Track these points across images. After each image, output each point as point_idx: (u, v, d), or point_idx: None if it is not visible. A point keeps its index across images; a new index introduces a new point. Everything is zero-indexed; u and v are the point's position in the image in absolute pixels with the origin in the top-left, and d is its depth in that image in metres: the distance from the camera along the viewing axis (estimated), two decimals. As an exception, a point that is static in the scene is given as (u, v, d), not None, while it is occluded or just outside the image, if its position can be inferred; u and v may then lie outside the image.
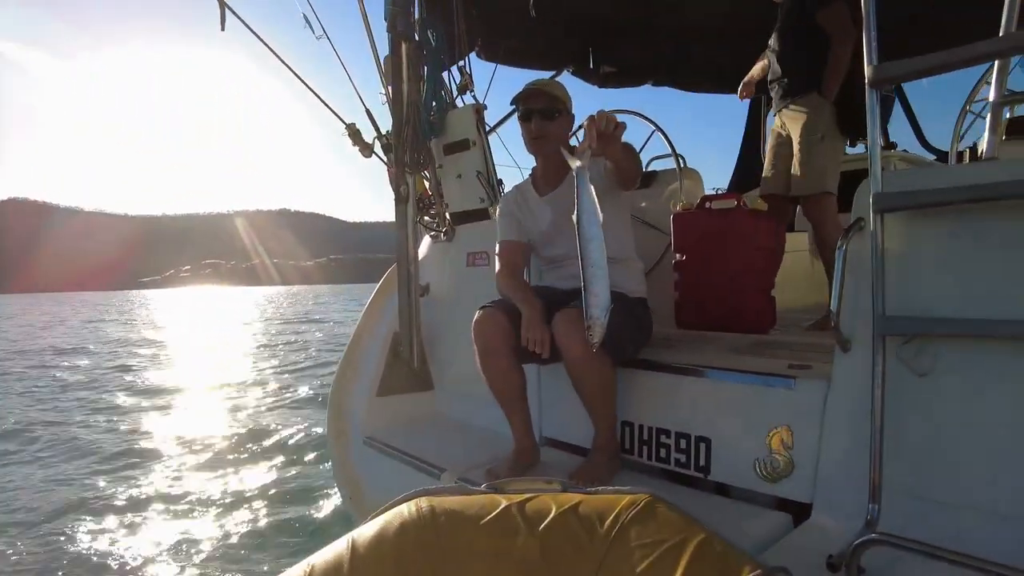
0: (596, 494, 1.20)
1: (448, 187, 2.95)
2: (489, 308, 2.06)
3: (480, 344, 2.03)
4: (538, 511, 1.14)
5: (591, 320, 1.52)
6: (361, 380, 2.82)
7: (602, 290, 1.49)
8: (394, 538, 1.09)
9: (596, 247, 1.50)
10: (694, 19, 3.94)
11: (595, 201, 1.54)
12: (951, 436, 1.38)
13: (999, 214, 1.33)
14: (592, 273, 1.50)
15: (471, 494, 1.23)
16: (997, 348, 1.33)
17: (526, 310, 1.94)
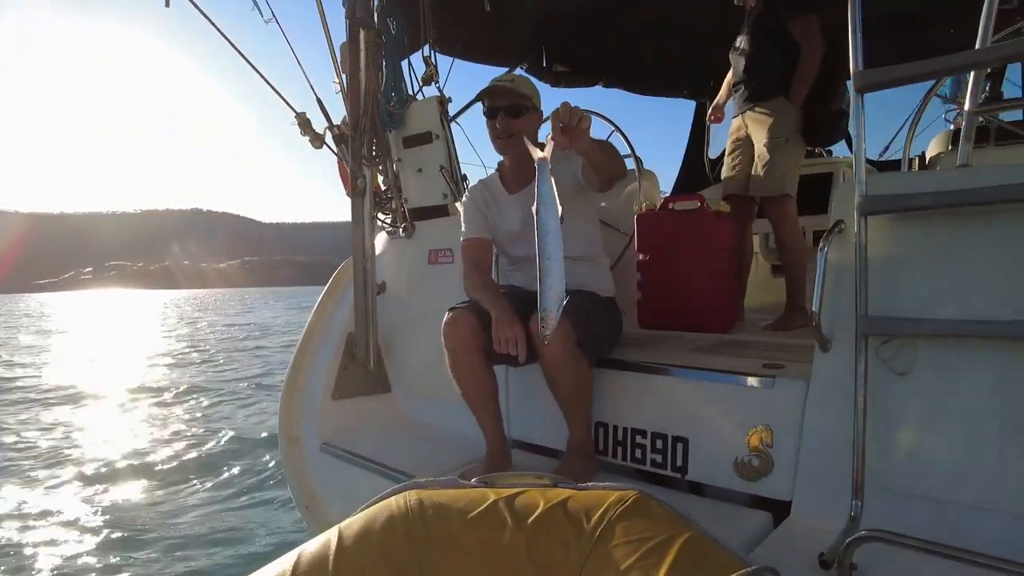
0: (585, 490, 1.18)
1: (407, 182, 2.85)
2: (459, 309, 1.99)
3: (451, 346, 1.96)
4: (526, 506, 1.13)
5: (544, 312, 1.48)
6: (314, 383, 2.68)
7: (556, 282, 1.47)
8: (381, 530, 1.09)
9: (553, 239, 1.47)
10: (646, 21, 3.98)
11: (555, 194, 1.52)
12: (930, 432, 1.43)
13: (976, 218, 1.38)
14: (548, 265, 1.47)
15: (461, 488, 1.22)
16: (973, 347, 1.38)
17: (495, 310, 1.89)
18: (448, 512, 1.13)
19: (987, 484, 1.34)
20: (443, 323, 1.99)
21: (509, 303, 1.94)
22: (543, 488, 1.20)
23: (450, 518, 1.12)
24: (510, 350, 1.80)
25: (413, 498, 1.16)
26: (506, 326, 1.82)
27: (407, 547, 1.08)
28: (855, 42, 1.45)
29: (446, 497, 1.17)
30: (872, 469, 1.45)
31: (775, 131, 2.55)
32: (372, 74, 2.67)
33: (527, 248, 2.20)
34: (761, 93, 2.60)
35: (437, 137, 2.65)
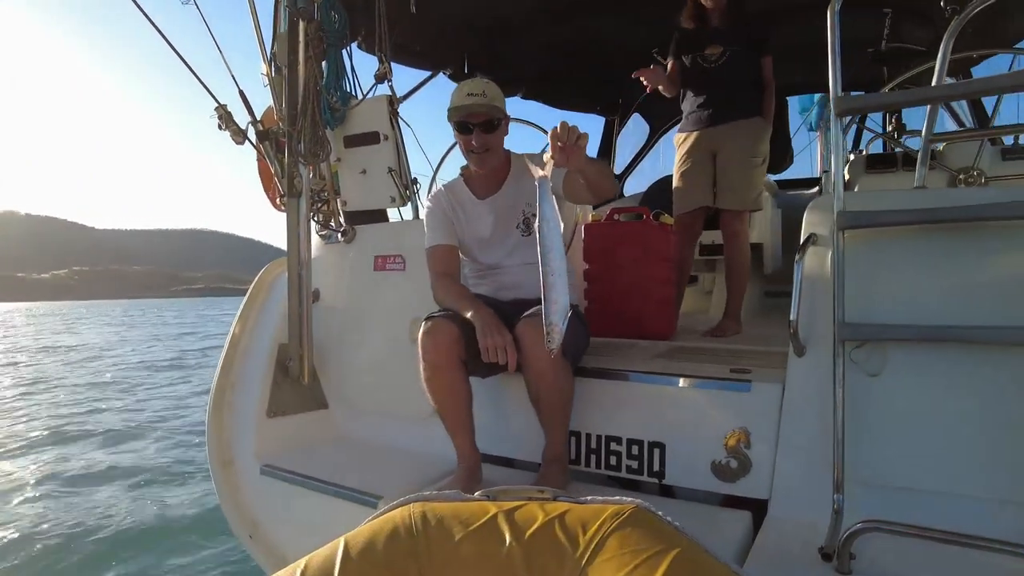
0: (584, 504, 1.21)
1: (347, 183, 2.69)
2: (437, 318, 1.91)
3: (430, 358, 1.88)
4: (526, 519, 1.16)
5: (550, 326, 1.50)
6: (245, 400, 2.44)
7: (561, 296, 1.49)
8: (386, 541, 1.13)
9: (557, 255, 1.50)
10: (564, 37, 4.07)
11: (557, 210, 1.54)
12: (901, 428, 1.57)
13: (936, 233, 1.55)
14: (552, 281, 1.49)
15: (464, 501, 1.25)
16: (936, 348, 1.54)
17: (481, 317, 1.84)
18: (450, 524, 1.16)
19: (955, 472, 1.50)
20: (420, 333, 1.89)
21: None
22: (543, 502, 1.22)
23: (452, 530, 1.15)
24: (499, 358, 1.76)
25: (417, 510, 1.19)
26: (495, 333, 1.77)
27: (410, 558, 1.12)
28: (834, 71, 1.58)
29: (449, 510, 1.20)
30: (849, 463, 1.57)
31: (755, 149, 2.71)
32: (312, 68, 2.50)
33: (495, 255, 2.16)
34: (741, 111, 2.74)
35: (386, 138, 2.53)
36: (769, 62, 2.77)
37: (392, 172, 2.52)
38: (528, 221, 2.13)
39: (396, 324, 2.43)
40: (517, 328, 1.83)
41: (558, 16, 3.63)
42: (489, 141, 2.05)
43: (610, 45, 4.11)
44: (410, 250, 2.45)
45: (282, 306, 2.63)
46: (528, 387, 1.89)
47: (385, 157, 2.54)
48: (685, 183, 2.89)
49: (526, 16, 3.63)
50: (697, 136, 2.87)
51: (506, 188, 2.14)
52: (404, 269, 2.45)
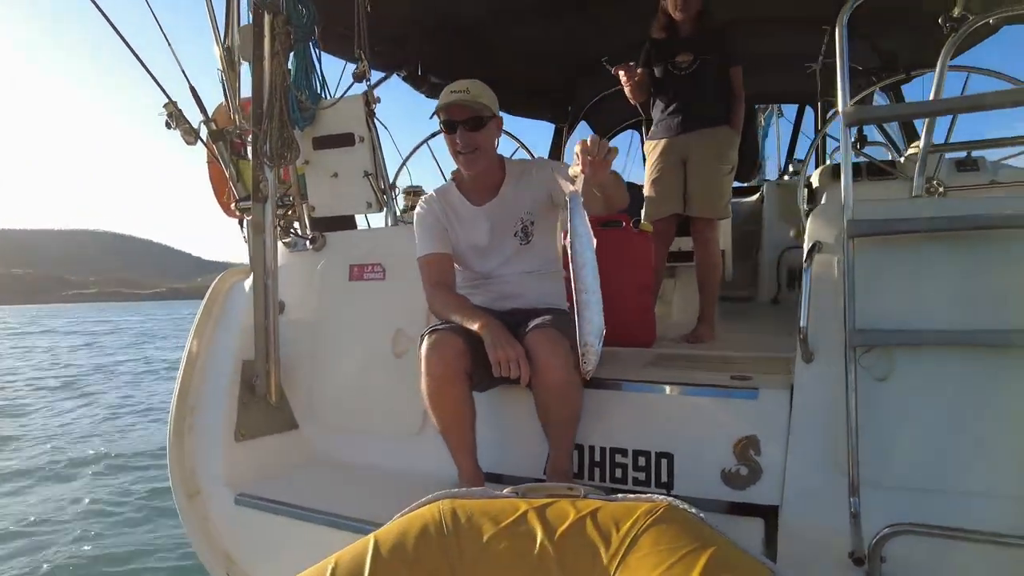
0: (615, 501, 1.21)
1: (316, 187, 2.53)
2: (442, 331, 1.81)
3: (435, 372, 1.78)
4: (557, 516, 1.16)
5: (585, 347, 1.46)
6: (209, 423, 2.23)
7: (596, 315, 1.46)
8: (416, 538, 1.13)
9: (590, 272, 1.47)
10: (517, 44, 4.04)
11: (589, 226, 1.51)
12: (911, 429, 1.62)
13: (943, 240, 1.61)
14: (586, 299, 1.45)
15: (493, 498, 1.26)
16: (944, 352, 1.60)
17: (491, 329, 1.76)
18: (480, 521, 1.16)
19: (965, 471, 1.56)
20: (424, 347, 1.79)
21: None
22: (573, 499, 1.22)
23: (482, 527, 1.15)
24: (512, 372, 1.68)
25: (447, 507, 1.19)
26: (507, 346, 1.70)
27: (440, 554, 1.12)
28: (843, 84, 1.62)
29: (478, 507, 1.19)
30: (861, 466, 1.60)
31: (724, 158, 2.75)
32: (281, 63, 2.33)
33: (490, 263, 2.09)
34: (711, 119, 2.78)
35: (361, 140, 2.39)
36: (738, 72, 2.84)
37: (369, 176, 2.39)
38: (527, 229, 2.06)
39: (377, 337, 2.29)
40: (527, 340, 1.76)
41: (512, 21, 3.59)
42: (475, 140, 1.97)
43: (562, 52, 4.12)
44: (390, 258, 2.32)
45: (243, 319, 2.44)
46: (538, 401, 1.82)
47: (360, 160, 2.41)
48: (657, 191, 2.92)
49: (480, 20, 3.57)
50: (667, 143, 2.91)
51: (503, 195, 2.07)
52: (384, 278, 2.32)
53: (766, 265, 4.68)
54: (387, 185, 2.47)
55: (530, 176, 2.06)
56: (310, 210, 2.56)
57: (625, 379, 2.01)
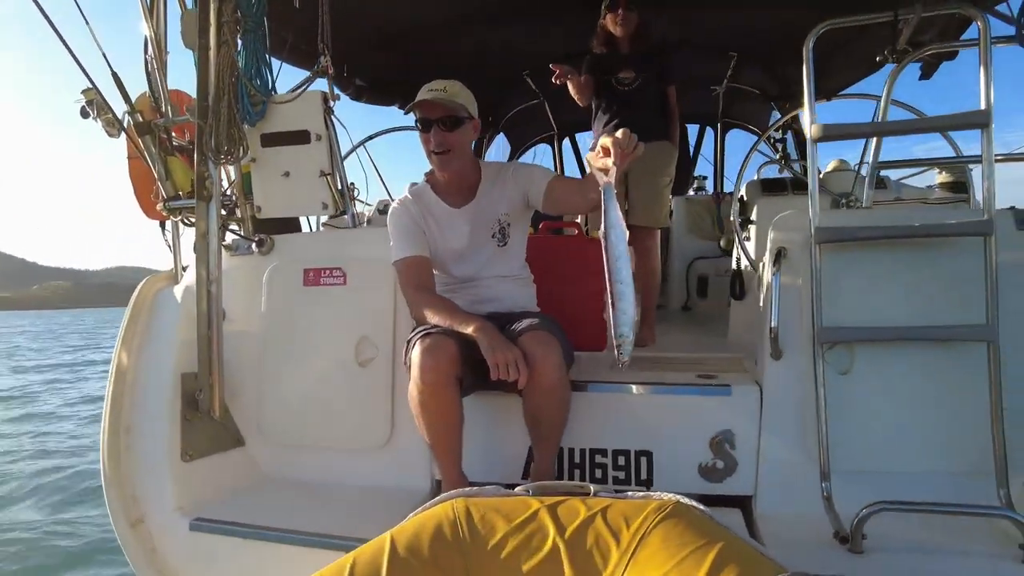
0: (625, 499, 1.26)
1: (263, 187, 2.37)
2: (436, 335, 1.76)
3: (429, 378, 1.72)
4: (568, 514, 1.18)
5: (621, 338, 1.50)
6: (147, 444, 2.02)
7: (629, 306, 1.49)
8: (431, 536, 1.15)
9: (624, 264, 1.49)
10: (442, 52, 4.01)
11: (622, 219, 1.54)
12: (871, 418, 1.78)
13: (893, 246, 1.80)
14: (621, 289, 1.48)
15: (506, 496, 1.28)
16: (896, 346, 1.78)
17: (486, 332, 1.73)
18: (494, 519, 1.18)
19: (917, 453, 1.74)
20: (417, 351, 1.72)
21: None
22: (584, 497, 1.25)
23: (495, 525, 1.17)
24: (511, 374, 1.65)
25: (460, 506, 1.21)
26: (505, 348, 1.67)
27: (456, 554, 1.13)
28: (810, 103, 1.77)
29: (492, 505, 1.21)
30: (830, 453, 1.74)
31: (663, 171, 2.87)
32: (230, 53, 2.17)
33: (469, 267, 2.06)
34: (653, 133, 2.88)
35: (318, 138, 2.27)
36: (673, 91, 3.01)
37: (327, 176, 2.27)
38: (504, 230, 2.05)
39: (337, 345, 2.18)
40: (520, 342, 1.75)
41: (435, 30, 3.58)
42: (450, 140, 1.95)
43: (485, 63, 4.15)
44: (352, 261, 2.22)
45: (178, 328, 2.25)
46: (530, 403, 1.81)
47: (316, 159, 2.28)
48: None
49: (405, 28, 3.52)
50: None
51: (480, 196, 2.05)
52: (345, 283, 2.21)
53: (676, 275, 4.96)
54: (345, 186, 2.36)
55: (506, 177, 2.06)
56: (255, 211, 2.39)
57: (601, 381, 2.05)
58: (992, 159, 1.62)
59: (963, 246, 1.74)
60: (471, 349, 1.77)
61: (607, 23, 3.00)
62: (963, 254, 1.74)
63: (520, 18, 3.48)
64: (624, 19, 2.92)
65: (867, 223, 1.79)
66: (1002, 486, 1.60)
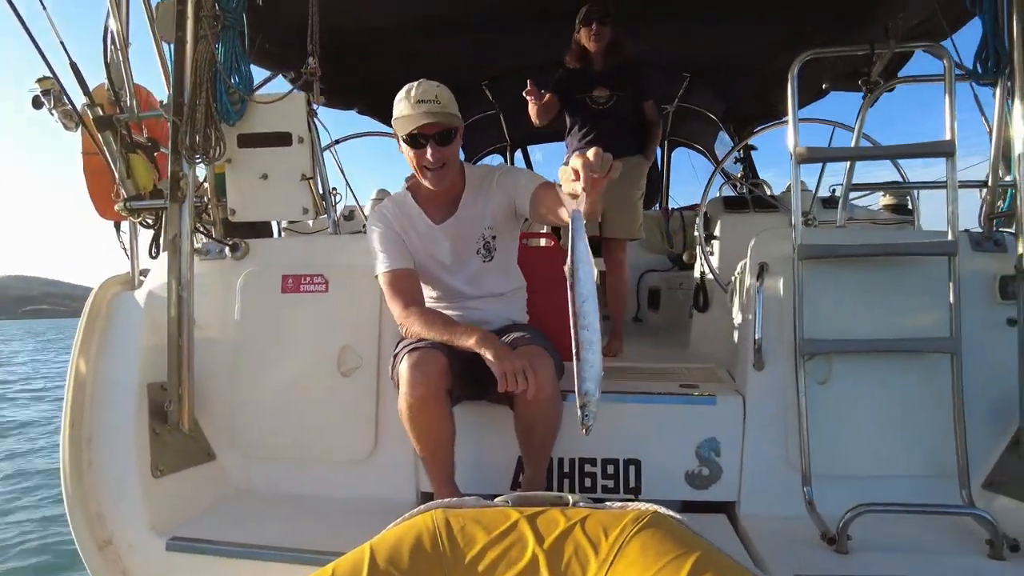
0: (604, 509, 1.28)
1: (238, 189, 2.27)
2: (425, 348, 1.73)
3: (419, 392, 1.69)
4: (547, 525, 1.20)
5: (585, 397, 1.31)
6: (112, 460, 1.88)
7: (597, 359, 1.29)
8: (410, 547, 1.15)
9: (592, 308, 1.28)
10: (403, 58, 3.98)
11: (590, 252, 1.36)
12: (848, 426, 1.88)
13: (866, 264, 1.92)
14: (588, 337, 1.28)
15: (486, 507, 1.29)
16: (870, 357, 1.89)
17: (491, 342, 1.70)
18: (473, 530, 1.19)
19: (890, 458, 1.85)
20: (406, 365, 1.70)
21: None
22: (563, 507, 1.27)
23: (475, 536, 1.18)
24: (520, 384, 1.62)
25: (440, 517, 1.22)
26: (513, 357, 1.65)
27: (435, 563, 1.14)
28: (794, 126, 1.87)
29: (471, 516, 1.22)
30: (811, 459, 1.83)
31: (636, 185, 2.93)
32: (209, 48, 2.08)
33: (457, 284, 2.03)
34: (627, 150, 2.95)
35: (301, 140, 2.21)
36: (651, 105, 3.10)
37: (309, 180, 2.21)
38: (488, 245, 2.02)
39: (318, 355, 2.11)
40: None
41: (393, 36, 3.56)
42: (446, 155, 1.87)
43: (442, 70, 4.15)
44: (333, 268, 2.16)
45: (142, 336, 2.12)
46: (523, 416, 1.81)
47: (297, 162, 2.22)
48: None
49: (360, 32, 3.49)
50: None
51: (463, 208, 1.99)
52: (327, 290, 2.14)
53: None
54: (327, 190, 2.30)
55: (491, 184, 2.00)
56: (229, 213, 2.29)
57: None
58: (956, 184, 1.77)
59: (927, 264, 1.88)
60: (460, 361, 1.76)
61: (581, 38, 3.06)
62: (926, 271, 1.88)
63: (479, 30, 3.50)
64: (598, 34, 2.98)
65: (844, 241, 1.90)
66: (964, 487, 1.74)
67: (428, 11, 3.23)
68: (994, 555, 1.57)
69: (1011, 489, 1.74)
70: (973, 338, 1.82)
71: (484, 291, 2.04)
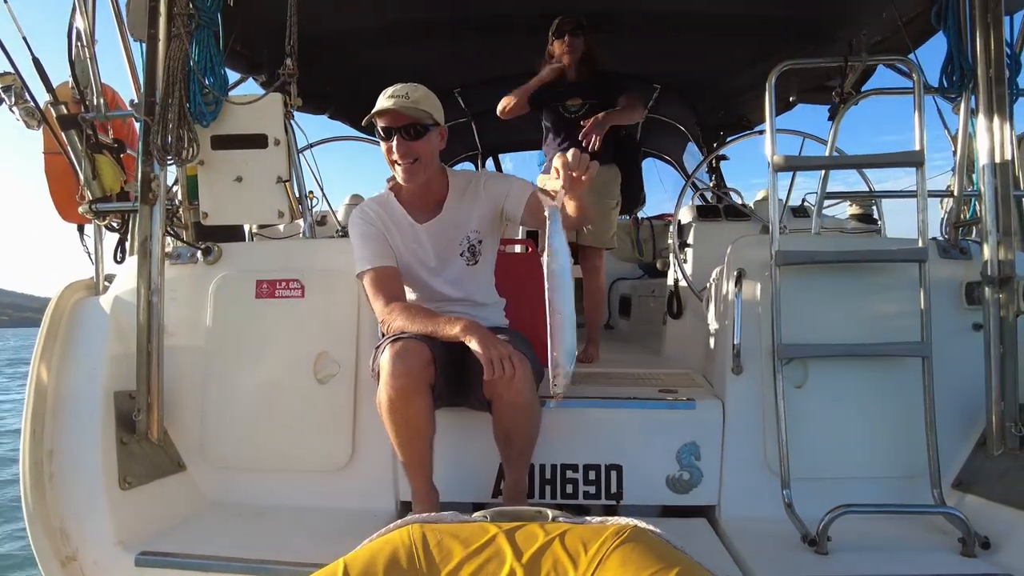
0: (584, 524, 1.28)
1: (211, 192, 2.21)
2: (408, 339, 1.70)
3: (400, 384, 1.66)
4: (526, 539, 1.19)
5: (558, 368, 1.48)
6: (76, 472, 1.80)
7: (569, 336, 1.48)
8: (386, 564, 1.13)
9: (566, 294, 1.47)
10: (374, 63, 3.95)
11: (567, 246, 1.52)
12: (823, 429, 1.92)
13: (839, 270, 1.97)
14: (560, 320, 1.46)
15: (464, 522, 1.27)
16: (844, 361, 1.94)
17: (476, 330, 1.68)
18: (450, 545, 1.17)
19: (865, 459, 1.89)
20: (387, 355, 1.67)
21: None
22: (542, 522, 1.26)
23: (452, 552, 1.16)
24: (507, 369, 1.60)
25: (417, 532, 1.19)
26: (497, 343, 1.63)
27: None
28: (772, 134, 1.91)
29: (449, 531, 1.20)
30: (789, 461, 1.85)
31: (611, 194, 2.95)
32: (184, 46, 2.03)
33: (439, 287, 2.01)
34: (603, 157, 2.95)
35: (277, 143, 2.16)
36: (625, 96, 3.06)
37: (285, 183, 2.16)
38: (473, 248, 2.02)
39: (294, 362, 2.06)
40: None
41: (369, 42, 3.54)
42: (414, 150, 1.86)
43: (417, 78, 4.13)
44: (310, 273, 2.12)
45: (108, 343, 2.05)
46: (502, 420, 1.79)
47: (273, 164, 2.17)
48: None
49: (337, 37, 3.45)
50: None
51: (446, 212, 1.99)
52: (303, 296, 2.10)
53: None
54: (303, 193, 2.25)
55: (477, 189, 2.01)
56: (201, 217, 2.22)
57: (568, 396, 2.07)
58: (926, 193, 1.83)
59: (897, 271, 1.94)
60: (444, 356, 1.74)
61: (554, 50, 3.08)
62: (897, 278, 1.94)
63: (452, 38, 3.50)
64: (571, 45, 3.01)
65: (819, 248, 1.95)
66: (935, 486, 1.79)
67: (401, 17, 3.22)
68: (966, 552, 1.62)
69: (980, 488, 1.79)
70: (941, 342, 1.87)
71: (466, 294, 2.03)
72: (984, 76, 1.81)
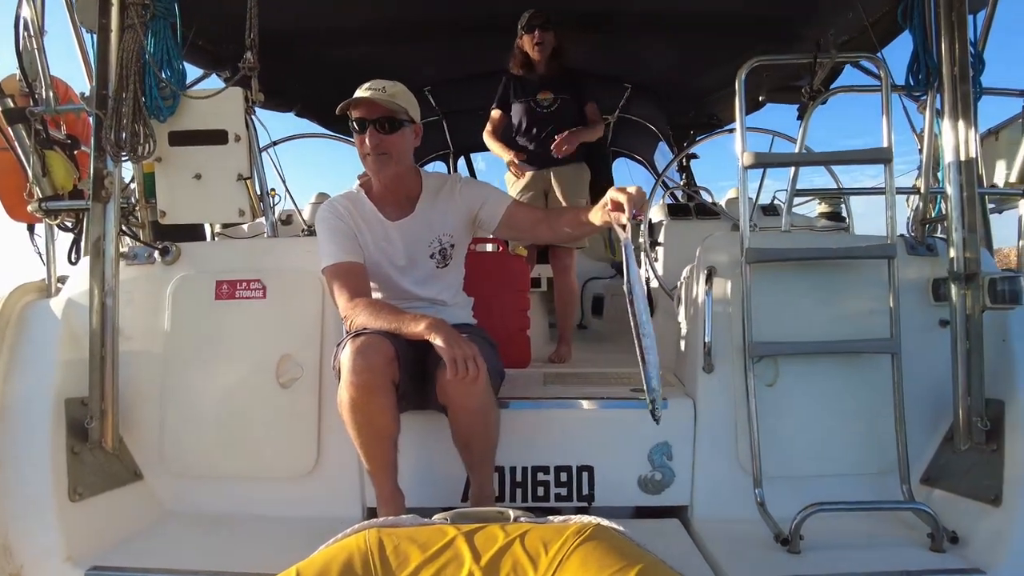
0: (547, 523, 1.26)
1: (169, 190, 2.13)
2: (370, 335, 1.66)
3: (362, 380, 1.61)
4: (486, 541, 1.16)
5: (654, 393, 1.53)
6: (23, 482, 1.71)
7: (656, 359, 1.53)
8: (340, 569, 1.10)
9: (648, 319, 1.54)
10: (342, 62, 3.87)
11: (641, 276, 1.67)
12: (793, 427, 1.91)
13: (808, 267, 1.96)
14: (648, 344, 1.52)
15: (421, 526, 1.24)
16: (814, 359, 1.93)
17: (441, 327, 1.63)
18: (408, 549, 1.14)
19: (835, 457, 1.89)
20: (348, 352, 1.62)
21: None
22: (503, 523, 1.23)
23: (409, 555, 1.13)
24: (470, 370, 1.56)
25: (373, 537, 1.16)
26: (462, 342, 1.59)
27: None
28: (742, 132, 1.90)
29: (406, 535, 1.17)
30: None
31: (581, 191, 2.93)
32: (138, 38, 1.94)
33: (406, 286, 1.96)
34: (573, 154, 2.94)
35: (237, 139, 2.09)
36: (593, 107, 3.11)
37: (246, 180, 2.09)
38: (445, 252, 1.98)
39: (255, 365, 1.99)
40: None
41: (334, 39, 3.48)
42: (387, 144, 1.84)
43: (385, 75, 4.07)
44: (272, 273, 2.05)
45: (59, 347, 1.96)
46: (459, 425, 1.75)
47: (234, 162, 2.10)
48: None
49: (304, 34, 3.38)
50: (532, 176, 3.07)
51: (419, 210, 1.96)
52: (264, 296, 2.03)
53: None
54: (265, 191, 2.18)
55: (452, 192, 1.99)
56: (159, 216, 2.14)
57: (539, 397, 2.04)
58: (894, 190, 1.83)
59: (866, 268, 1.94)
60: (410, 356, 1.70)
61: (523, 44, 3.06)
62: (866, 275, 1.94)
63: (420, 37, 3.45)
64: (540, 40, 2.99)
65: (790, 245, 1.94)
66: (905, 482, 1.79)
67: (371, 16, 3.16)
68: (935, 547, 1.62)
69: (947, 483, 1.80)
70: (909, 338, 1.88)
71: (434, 294, 1.99)
72: (949, 74, 1.82)
